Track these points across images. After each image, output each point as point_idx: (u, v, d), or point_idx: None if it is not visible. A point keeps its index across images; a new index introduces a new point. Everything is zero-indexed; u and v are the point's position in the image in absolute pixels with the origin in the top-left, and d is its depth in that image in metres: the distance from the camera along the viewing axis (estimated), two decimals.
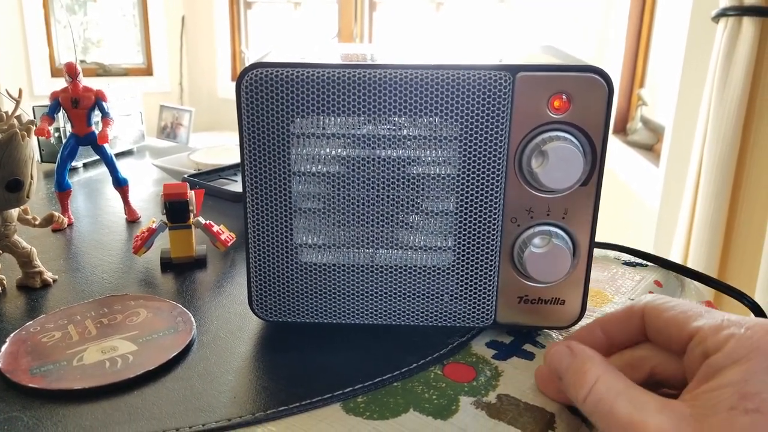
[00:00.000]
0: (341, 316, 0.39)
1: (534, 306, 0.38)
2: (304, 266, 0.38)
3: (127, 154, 0.94)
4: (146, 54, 3.52)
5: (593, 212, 0.37)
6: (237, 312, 0.42)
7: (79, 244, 0.55)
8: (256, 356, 0.37)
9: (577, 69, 0.34)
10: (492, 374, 0.35)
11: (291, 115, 0.35)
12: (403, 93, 0.34)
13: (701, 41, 1.30)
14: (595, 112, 0.35)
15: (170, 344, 0.37)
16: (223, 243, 0.51)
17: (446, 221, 0.37)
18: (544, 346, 0.39)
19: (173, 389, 0.33)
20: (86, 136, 0.59)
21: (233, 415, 0.31)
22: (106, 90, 0.59)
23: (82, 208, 0.66)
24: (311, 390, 0.33)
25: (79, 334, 0.38)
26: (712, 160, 1.13)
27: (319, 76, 0.34)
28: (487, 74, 0.34)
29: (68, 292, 0.45)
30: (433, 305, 0.39)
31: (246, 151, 0.36)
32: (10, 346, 0.37)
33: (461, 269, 0.38)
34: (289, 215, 0.37)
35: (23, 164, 0.42)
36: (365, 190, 0.37)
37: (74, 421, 0.31)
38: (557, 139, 0.34)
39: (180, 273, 0.49)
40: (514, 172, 0.36)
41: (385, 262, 0.38)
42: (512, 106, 0.35)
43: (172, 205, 0.48)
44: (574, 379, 0.29)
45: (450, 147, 0.36)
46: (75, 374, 0.34)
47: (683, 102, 1.41)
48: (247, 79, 0.35)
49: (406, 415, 0.32)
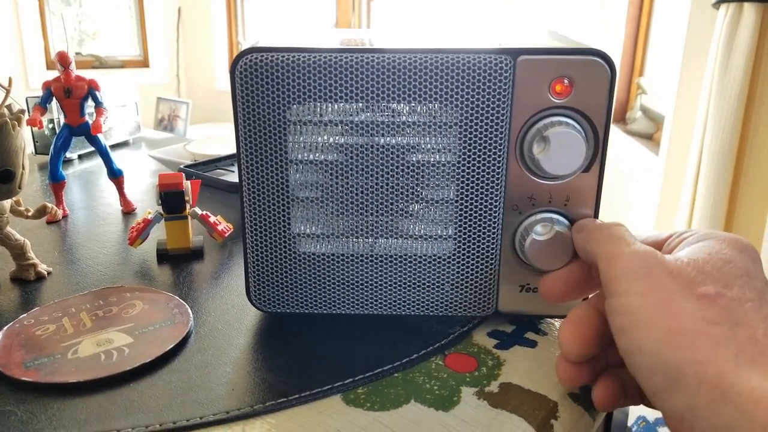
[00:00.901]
0: (340, 306, 0.38)
1: (536, 294, 0.38)
2: (302, 256, 0.38)
3: (122, 146, 0.93)
4: (143, 46, 3.50)
5: (596, 199, 0.36)
6: (234, 303, 0.42)
7: (74, 236, 0.55)
8: (254, 348, 0.36)
9: (579, 52, 0.34)
10: (494, 364, 0.35)
11: (287, 102, 0.35)
12: (401, 78, 0.34)
13: (701, 28, 1.29)
14: (598, 96, 0.34)
15: (167, 336, 0.36)
16: (220, 234, 0.51)
17: (446, 209, 0.37)
18: (546, 333, 0.38)
19: (170, 382, 0.33)
20: (80, 127, 0.58)
21: (232, 408, 0.31)
22: (99, 79, 0.58)
23: (77, 200, 0.65)
24: (310, 381, 0.33)
25: (73, 326, 0.38)
26: (713, 149, 1.12)
27: (316, 60, 0.34)
28: (487, 58, 0.33)
29: (63, 284, 0.45)
30: (433, 295, 0.38)
31: (242, 139, 0.35)
32: (4, 340, 0.36)
33: (462, 258, 0.37)
34: (287, 204, 0.37)
35: (14, 154, 0.41)
36: (364, 179, 0.36)
37: (69, 415, 0.30)
38: (559, 124, 0.34)
39: (176, 264, 0.48)
40: (515, 159, 0.35)
41: (385, 251, 0.38)
42: (513, 90, 0.34)
43: (168, 195, 0.48)
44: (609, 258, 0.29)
45: (450, 133, 0.35)
46: (70, 367, 0.33)
47: (683, 90, 1.40)
48: (242, 64, 0.34)
49: (408, 406, 0.31)
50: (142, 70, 3.48)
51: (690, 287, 0.25)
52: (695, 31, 1.35)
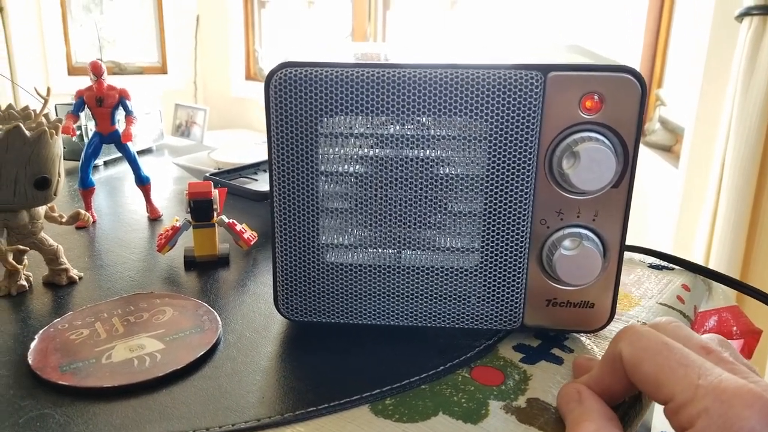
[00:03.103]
0: (366, 317, 0.39)
1: (562, 309, 0.38)
2: (329, 266, 0.38)
3: (146, 152, 0.94)
4: (161, 53, 3.54)
5: (624, 214, 0.36)
6: (261, 311, 0.42)
7: (103, 242, 0.56)
8: (282, 356, 0.37)
9: (610, 69, 0.34)
10: (520, 378, 0.35)
11: (319, 115, 0.35)
12: (433, 93, 0.34)
13: (724, 41, 1.29)
14: (628, 112, 0.34)
15: (197, 343, 0.37)
16: (246, 242, 0.51)
17: (473, 222, 0.37)
18: (572, 350, 0.38)
19: (202, 388, 0.33)
20: (110, 135, 0.59)
21: (262, 416, 0.31)
22: (129, 89, 0.59)
23: (103, 206, 0.67)
24: (339, 391, 0.33)
25: (106, 331, 0.38)
26: (735, 163, 1.11)
27: (348, 75, 0.34)
28: (518, 74, 0.34)
29: (94, 289, 0.46)
30: (459, 307, 0.38)
31: (274, 151, 0.36)
32: (40, 343, 0.37)
33: (489, 271, 0.37)
34: (316, 215, 0.37)
35: (51, 162, 0.42)
36: (392, 191, 0.37)
37: (105, 419, 0.31)
38: (589, 139, 0.34)
39: (203, 271, 0.49)
40: (544, 173, 0.35)
41: (412, 263, 0.38)
42: (543, 106, 0.34)
43: (197, 203, 0.48)
44: (571, 428, 0.29)
45: (479, 148, 0.35)
46: (104, 372, 0.34)
47: (704, 103, 1.39)
48: (276, 78, 0.35)
49: (436, 418, 0.31)
50: (160, 76, 3.52)
51: None
52: (717, 43, 1.35)
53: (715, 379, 0.25)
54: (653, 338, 0.28)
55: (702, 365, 0.26)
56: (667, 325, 0.30)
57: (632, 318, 0.43)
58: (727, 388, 0.24)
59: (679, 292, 0.48)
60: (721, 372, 0.26)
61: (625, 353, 0.29)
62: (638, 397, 0.33)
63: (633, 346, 0.28)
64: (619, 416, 0.31)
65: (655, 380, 0.27)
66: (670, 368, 0.27)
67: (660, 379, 0.27)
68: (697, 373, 0.26)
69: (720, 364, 0.27)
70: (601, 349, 0.38)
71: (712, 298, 0.52)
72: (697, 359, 0.26)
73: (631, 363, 0.28)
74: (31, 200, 0.42)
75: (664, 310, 0.45)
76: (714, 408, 0.24)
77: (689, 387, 0.25)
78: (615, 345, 0.30)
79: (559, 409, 0.32)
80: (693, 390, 0.25)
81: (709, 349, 0.28)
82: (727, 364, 0.27)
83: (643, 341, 0.28)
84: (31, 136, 0.40)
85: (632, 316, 0.43)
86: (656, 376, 0.27)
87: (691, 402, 0.25)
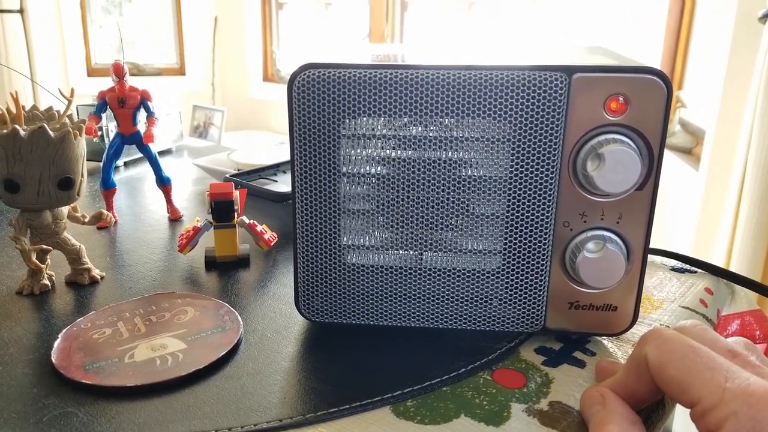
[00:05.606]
0: (386, 318, 0.39)
1: (585, 312, 0.38)
2: (351, 267, 0.38)
3: (166, 153, 0.95)
4: (179, 54, 3.57)
5: (648, 217, 0.36)
6: (282, 311, 0.43)
7: (124, 242, 0.56)
8: (303, 356, 0.37)
9: (636, 70, 0.33)
10: (542, 381, 0.35)
11: (341, 116, 0.35)
12: (456, 94, 0.34)
13: (746, 43, 1.27)
14: (653, 114, 0.34)
15: (219, 343, 0.37)
16: (266, 242, 0.51)
17: (496, 224, 0.37)
18: (594, 353, 0.38)
19: (224, 388, 0.33)
20: (131, 135, 0.60)
21: (284, 416, 0.31)
22: (150, 90, 0.59)
23: (124, 206, 0.67)
24: (360, 392, 0.33)
25: (128, 331, 0.39)
26: (757, 165, 1.09)
27: (371, 77, 0.34)
28: (542, 75, 0.33)
29: (115, 289, 0.46)
30: (481, 309, 0.38)
31: (296, 152, 0.36)
32: (63, 342, 0.37)
33: (511, 273, 0.37)
34: (337, 216, 0.37)
35: (75, 163, 0.43)
36: (414, 192, 0.37)
37: (128, 418, 0.31)
38: (614, 141, 0.33)
39: (224, 272, 0.49)
40: (568, 175, 0.35)
41: (433, 264, 0.38)
42: (567, 107, 0.34)
43: (218, 204, 0.49)
44: (594, 431, 0.29)
45: (502, 149, 0.35)
46: (127, 371, 0.34)
47: (726, 105, 1.37)
48: (299, 80, 0.35)
49: (458, 420, 0.31)
50: (178, 77, 3.56)
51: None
52: (739, 44, 1.33)
53: (742, 382, 0.25)
54: (679, 341, 0.28)
55: (729, 368, 0.26)
56: (693, 329, 0.30)
57: (654, 321, 0.42)
58: (755, 391, 0.24)
59: (702, 296, 0.47)
60: (749, 375, 0.25)
61: (651, 356, 0.28)
62: (661, 401, 0.33)
63: (659, 349, 0.28)
64: (642, 420, 0.30)
65: (681, 383, 0.27)
66: (696, 371, 0.26)
67: (686, 382, 0.26)
68: (725, 377, 0.25)
69: (747, 367, 0.26)
70: (624, 352, 0.38)
71: (735, 302, 0.51)
72: (723, 362, 0.26)
73: (656, 366, 0.28)
74: (54, 200, 0.43)
75: (686, 314, 0.44)
76: (743, 411, 0.24)
77: (716, 390, 0.25)
78: (640, 348, 0.29)
79: (583, 412, 0.31)
80: (720, 393, 0.25)
81: (735, 353, 0.28)
82: (754, 367, 0.27)
83: (669, 344, 0.28)
84: (55, 137, 0.41)
85: (654, 319, 0.43)
86: (682, 379, 0.27)
87: (718, 405, 0.25)
